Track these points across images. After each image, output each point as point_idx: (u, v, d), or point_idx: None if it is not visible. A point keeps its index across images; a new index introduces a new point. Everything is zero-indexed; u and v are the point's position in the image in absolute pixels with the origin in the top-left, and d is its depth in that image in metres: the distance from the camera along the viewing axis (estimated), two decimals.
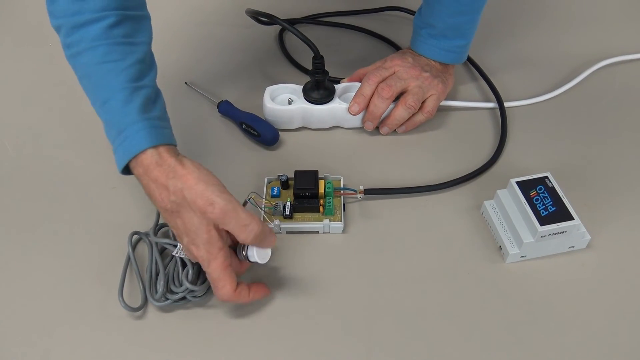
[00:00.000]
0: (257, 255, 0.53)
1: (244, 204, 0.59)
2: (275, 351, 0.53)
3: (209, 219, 0.49)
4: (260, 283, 0.55)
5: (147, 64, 0.56)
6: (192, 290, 0.54)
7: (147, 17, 0.58)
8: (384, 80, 0.69)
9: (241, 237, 0.50)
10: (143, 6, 0.57)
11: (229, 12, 0.90)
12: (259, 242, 0.52)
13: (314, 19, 0.90)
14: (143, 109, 0.52)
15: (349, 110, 0.70)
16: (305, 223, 0.61)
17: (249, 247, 0.54)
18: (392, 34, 0.86)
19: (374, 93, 0.69)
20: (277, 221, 0.60)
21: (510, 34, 0.87)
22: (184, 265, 0.56)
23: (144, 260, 0.59)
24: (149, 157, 0.51)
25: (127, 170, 0.53)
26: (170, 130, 0.55)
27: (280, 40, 0.86)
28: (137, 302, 0.55)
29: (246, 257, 0.54)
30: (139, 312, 0.55)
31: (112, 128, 0.53)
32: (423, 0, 0.70)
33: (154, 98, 0.55)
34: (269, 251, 0.54)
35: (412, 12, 0.90)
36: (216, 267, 0.50)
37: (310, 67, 0.69)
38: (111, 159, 0.68)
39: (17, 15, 0.93)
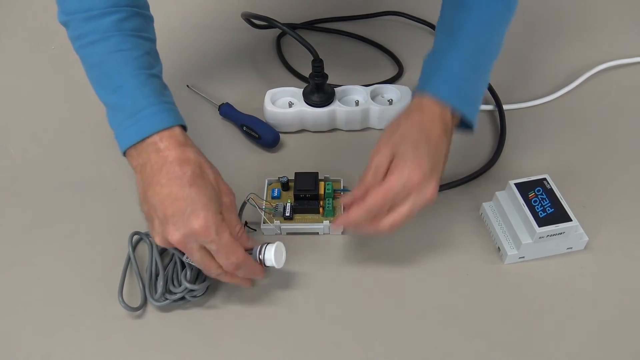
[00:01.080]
0: (275, 259, 0.54)
1: (243, 204, 0.60)
2: (274, 351, 0.53)
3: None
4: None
5: (155, 57, 0.58)
6: (191, 290, 0.54)
7: (151, 19, 0.59)
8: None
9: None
10: (148, 8, 0.59)
11: (231, 16, 0.91)
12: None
13: (311, 25, 0.90)
14: (160, 93, 0.55)
15: (335, 221, 0.59)
16: (305, 224, 0.62)
17: (267, 250, 0.54)
18: (389, 40, 0.87)
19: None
20: (277, 222, 0.61)
21: (508, 37, 0.87)
22: (183, 266, 0.56)
23: (144, 260, 0.59)
24: (178, 133, 0.53)
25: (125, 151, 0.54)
26: (179, 112, 0.56)
27: (277, 46, 0.86)
28: (137, 302, 0.56)
29: (262, 261, 0.54)
30: (139, 312, 0.56)
31: (124, 110, 0.53)
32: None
33: (164, 86, 0.57)
34: (283, 255, 0.55)
35: (409, 17, 0.90)
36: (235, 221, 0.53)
37: (306, 74, 0.69)
38: (112, 162, 0.69)
39: (19, 19, 0.94)
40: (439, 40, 0.60)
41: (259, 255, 0.54)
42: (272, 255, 0.54)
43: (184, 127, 0.55)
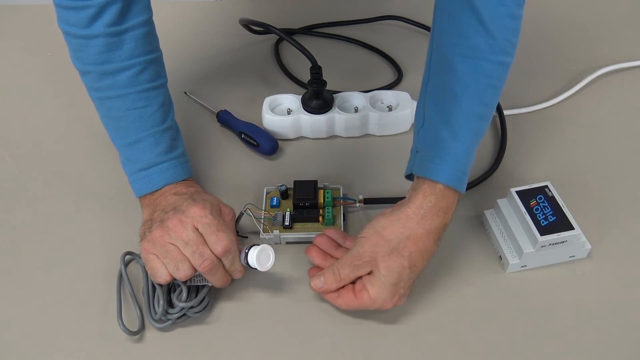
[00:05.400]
0: (257, 261, 0.53)
1: (240, 215, 0.59)
2: None
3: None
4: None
5: (168, 104, 0.61)
6: (191, 307, 0.54)
7: (161, 55, 0.62)
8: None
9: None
10: (159, 45, 0.61)
11: (229, 22, 0.91)
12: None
13: (310, 30, 0.90)
14: (172, 148, 0.60)
15: (314, 283, 0.55)
16: (305, 233, 0.61)
17: (250, 252, 0.54)
18: (388, 45, 0.86)
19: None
20: (276, 231, 0.60)
21: None
22: (174, 290, 0.55)
23: (138, 280, 0.58)
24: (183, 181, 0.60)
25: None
26: (188, 162, 0.62)
27: (276, 53, 0.86)
28: (133, 323, 0.55)
29: (247, 263, 0.54)
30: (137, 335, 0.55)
31: (137, 163, 0.58)
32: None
33: (176, 135, 0.61)
34: (270, 258, 0.54)
35: (408, 21, 0.90)
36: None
37: (305, 80, 0.69)
38: (110, 172, 0.69)
39: (16, 26, 0.94)
40: (433, 116, 0.55)
41: (245, 259, 0.54)
42: (254, 256, 0.53)
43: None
